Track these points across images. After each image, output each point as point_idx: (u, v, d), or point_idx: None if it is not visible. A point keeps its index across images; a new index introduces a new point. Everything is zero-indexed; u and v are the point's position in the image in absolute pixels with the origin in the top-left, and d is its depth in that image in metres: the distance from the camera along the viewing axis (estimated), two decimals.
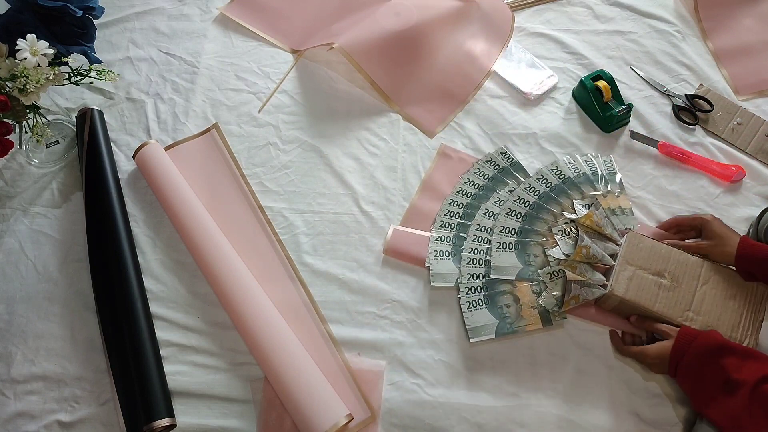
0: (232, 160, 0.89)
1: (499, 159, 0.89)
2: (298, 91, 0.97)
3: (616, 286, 0.73)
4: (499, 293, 0.77)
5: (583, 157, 0.89)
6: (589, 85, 0.91)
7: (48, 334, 0.75)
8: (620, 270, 0.74)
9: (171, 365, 0.73)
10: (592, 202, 0.81)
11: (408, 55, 0.96)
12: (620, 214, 0.83)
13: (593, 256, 0.75)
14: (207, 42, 1.01)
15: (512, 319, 0.75)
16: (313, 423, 0.66)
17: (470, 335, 0.75)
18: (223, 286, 0.75)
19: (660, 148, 0.90)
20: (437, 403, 0.72)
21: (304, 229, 0.84)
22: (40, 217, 0.84)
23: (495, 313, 0.76)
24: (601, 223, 0.78)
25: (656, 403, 0.72)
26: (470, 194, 0.86)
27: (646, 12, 1.06)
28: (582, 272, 0.75)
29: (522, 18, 1.06)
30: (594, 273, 0.75)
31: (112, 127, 0.92)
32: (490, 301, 0.77)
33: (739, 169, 0.86)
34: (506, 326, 0.75)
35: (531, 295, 0.77)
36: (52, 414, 0.71)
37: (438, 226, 0.83)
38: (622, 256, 0.75)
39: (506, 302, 0.76)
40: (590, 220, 0.78)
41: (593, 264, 0.76)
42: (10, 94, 0.74)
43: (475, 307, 0.76)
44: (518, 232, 0.81)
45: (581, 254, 0.75)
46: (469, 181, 0.87)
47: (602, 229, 0.78)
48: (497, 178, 0.88)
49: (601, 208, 0.81)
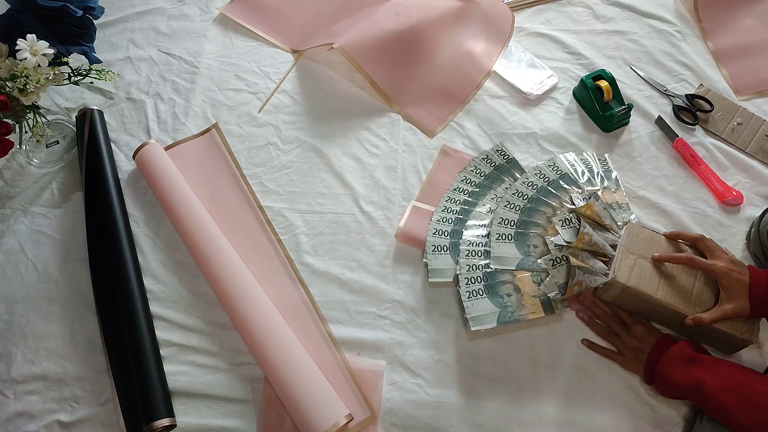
0: (232, 160, 0.89)
1: (496, 156, 0.90)
2: (298, 91, 0.97)
3: (619, 274, 0.73)
4: (500, 283, 0.77)
5: (579, 156, 0.89)
6: (590, 84, 0.91)
7: (48, 334, 0.75)
8: (622, 258, 0.74)
9: (171, 365, 0.73)
10: (591, 194, 0.82)
11: (408, 55, 0.96)
12: (617, 209, 0.84)
13: (595, 244, 0.75)
14: (207, 42, 1.01)
15: (514, 308, 0.75)
16: (313, 423, 0.66)
17: (471, 323, 0.73)
18: (223, 286, 0.75)
19: (676, 143, 0.90)
20: (437, 403, 0.72)
21: (304, 229, 0.84)
22: (40, 217, 0.84)
23: (496, 302, 0.75)
24: (601, 214, 0.79)
25: (657, 403, 0.72)
26: (467, 192, 0.86)
27: (646, 12, 1.06)
28: (584, 259, 0.75)
29: (522, 18, 1.06)
30: (596, 261, 0.76)
31: (112, 127, 0.92)
32: (491, 291, 0.76)
33: (738, 195, 0.85)
34: (508, 315, 0.74)
35: (532, 285, 0.77)
36: (52, 414, 0.71)
37: (436, 221, 0.83)
38: (623, 245, 0.76)
39: (507, 291, 0.76)
40: (591, 210, 0.78)
41: (595, 252, 0.76)
42: (10, 94, 0.74)
43: (475, 296, 0.76)
44: (517, 224, 0.81)
45: (583, 241, 0.75)
46: (465, 178, 0.88)
47: (602, 219, 0.79)
48: (494, 176, 0.88)
49: (601, 200, 0.81)
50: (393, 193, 0.87)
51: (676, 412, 0.71)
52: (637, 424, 0.71)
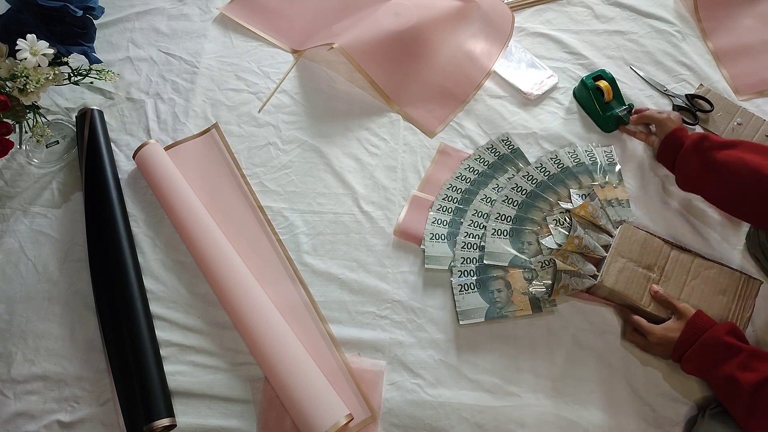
0: (232, 160, 0.89)
1: (500, 146, 0.90)
2: (298, 91, 0.97)
3: (606, 278, 0.74)
4: (492, 278, 0.78)
5: (583, 147, 0.89)
6: (591, 85, 0.91)
7: (48, 334, 0.75)
8: (611, 261, 0.75)
9: (171, 365, 0.73)
10: (589, 192, 0.82)
11: (408, 55, 0.96)
12: (616, 206, 0.84)
13: (585, 247, 0.76)
14: (207, 42, 1.01)
15: (502, 304, 0.76)
16: (313, 423, 0.66)
17: (460, 318, 0.75)
18: (223, 286, 0.75)
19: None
20: (437, 403, 0.72)
21: (304, 229, 0.84)
22: (40, 217, 0.84)
23: (486, 297, 0.76)
24: (596, 214, 0.79)
25: (657, 403, 0.72)
26: (470, 180, 0.87)
27: (646, 12, 1.06)
28: (573, 262, 0.75)
29: (522, 18, 1.06)
30: (585, 263, 0.76)
31: (112, 127, 0.92)
32: (482, 286, 0.77)
33: None
34: (496, 311, 0.76)
35: (523, 282, 0.77)
36: (52, 414, 0.71)
37: (436, 210, 0.84)
38: (615, 248, 0.76)
39: (498, 287, 0.77)
40: (585, 211, 0.79)
41: (585, 254, 0.77)
42: (10, 94, 0.74)
43: (467, 290, 0.77)
44: (514, 220, 0.82)
45: (573, 244, 0.76)
46: (469, 167, 0.88)
47: (597, 220, 0.79)
48: (497, 165, 0.88)
49: (597, 199, 0.82)
50: (393, 193, 0.87)
51: (677, 412, 0.71)
52: (637, 424, 0.71)
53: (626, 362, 0.75)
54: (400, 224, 0.83)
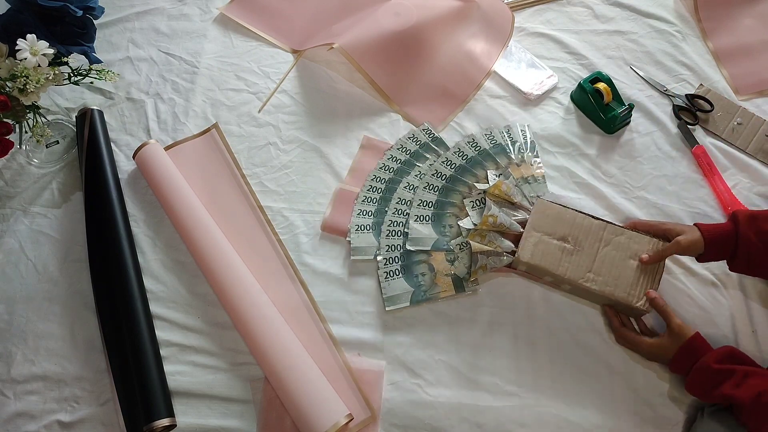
0: (232, 160, 0.89)
1: (421, 135, 0.91)
2: (298, 91, 0.97)
3: (522, 253, 0.76)
4: (415, 263, 0.79)
5: (505, 128, 0.91)
6: (589, 88, 0.91)
7: (48, 334, 0.75)
8: (527, 237, 0.77)
9: (171, 365, 0.73)
10: (503, 171, 0.83)
11: (408, 55, 0.96)
12: (532, 182, 0.86)
13: (501, 225, 0.77)
14: (207, 42, 1.01)
15: (426, 287, 0.78)
16: (313, 423, 0.66)
17: (386, 304, 0.77)
18: (223, 286, 0.75)
19: (695, 149, 0.90)
20: (437, 403, 0.72)
21: (304, 229, 0.84)
22: (40, 217, 0.84)
23: (411, 282, 0.78)
24: (510, 192, 0.81)
25: (657, 403, 0.72)
26: (392, 169, 0.88)
27: (646, 12, 1.06)
28: (491, 240, 0.77)
29: (522, 18, 1.06)
30: (503, 241, 0.78)
31: (112, 127, 0.92)
32: (407, 271, 0.79)
33: None
34: (421, 293, 0.77)
35: (445, 264, 0.79)
36: (52, 414, 0.71)
37: (361, 201, 0.85)
38: (530, 223, 0.78)
39: (421, 271, 0.79)
40: (499, 190, 0.80)
41: (503, 232, 0.78)
42: (10, 94, 0.74)
43: (392, 276, 0.78)
44: (435, 205, 0.83)
45: (488, 223, 0.77)
46: (392, 156, 0.89)
47: (511, 197, 0.81)
48: (418, 153, 0.90)
49: (512, 177, 0.84)
50: None
51: (676, 412, 0.71)
52: (637, 424, 0.71)
53: (626, 362, 0.75)
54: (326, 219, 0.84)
